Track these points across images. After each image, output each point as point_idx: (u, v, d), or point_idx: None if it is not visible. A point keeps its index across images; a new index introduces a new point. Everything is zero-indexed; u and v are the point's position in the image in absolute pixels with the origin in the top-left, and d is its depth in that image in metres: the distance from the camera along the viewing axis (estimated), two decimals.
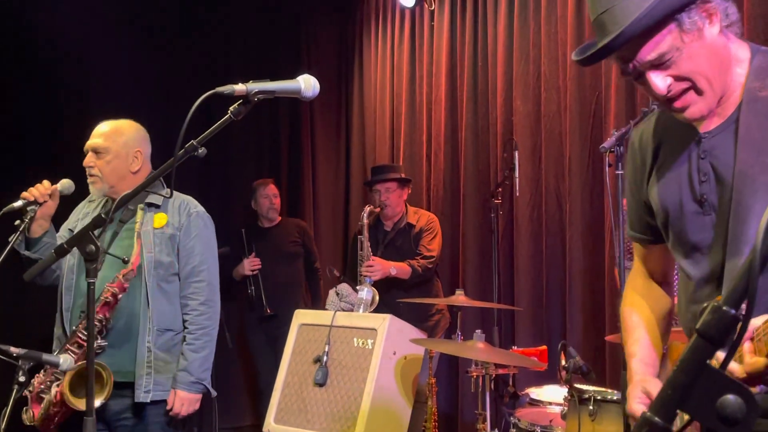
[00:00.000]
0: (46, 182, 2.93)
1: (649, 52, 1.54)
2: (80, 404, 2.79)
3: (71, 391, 2.77)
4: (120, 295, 2.85)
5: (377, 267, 4.76)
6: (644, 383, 1.67)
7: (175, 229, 3.05)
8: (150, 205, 3.06)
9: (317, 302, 5.65)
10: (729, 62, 1.61)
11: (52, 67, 5.70)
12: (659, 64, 1.55)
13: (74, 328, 2.87)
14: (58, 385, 2.82)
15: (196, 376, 3.00)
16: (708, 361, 0.79)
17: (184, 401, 2.98)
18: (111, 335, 2.91)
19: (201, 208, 3.17)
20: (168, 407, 2.97)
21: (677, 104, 1.59)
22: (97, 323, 2.81)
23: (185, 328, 3.05)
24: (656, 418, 0.78)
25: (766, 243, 0.76)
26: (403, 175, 5.19)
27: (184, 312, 3.05)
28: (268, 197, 5.77)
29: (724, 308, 0.78)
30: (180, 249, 3.05)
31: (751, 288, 0.76)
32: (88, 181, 3.04)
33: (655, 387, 1.65)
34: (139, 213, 2.97)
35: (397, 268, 4.84)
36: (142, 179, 2.99)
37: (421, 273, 4.89)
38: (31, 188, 2.90)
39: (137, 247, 2.89)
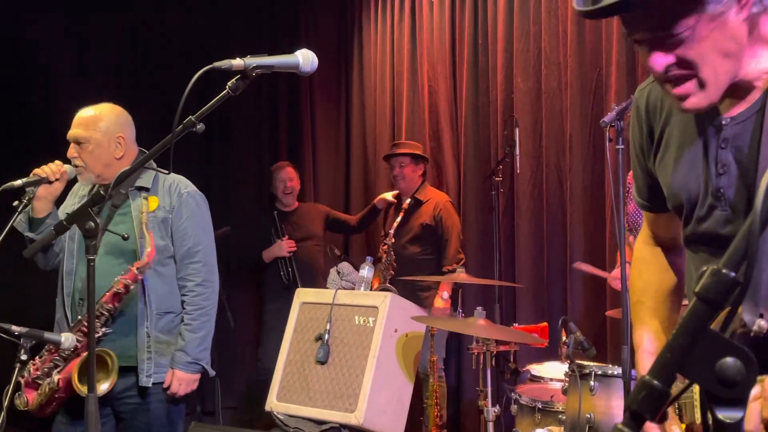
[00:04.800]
0: (57, 162, 2.90)
1: (659, 21, 1.33)
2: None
3: (79, 378, 2.78)
4: (132, 286, 2.84)
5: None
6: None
7: (167, 211, 3.00)
8: (140, 189, 3.00)
9: None
10: (741, 57, 1.40)
11: (49, 47, 5.69)
12: (667, 37, 1.34)
13: (80, 316, 2.85)
14: (59, 372, 2.81)
15: (193, 356, 2.98)
16: (707, 324, 0.78)
17: (181, 381, 2.98)
18: (113, 322, 2.91)
19: (192, 188, 3.10)
20: (165, 386, 2.97)
21: (676, 90, 1.40)
22: (105, 312, 2.81)
23: (183, 308, 3.02)
24: (655, 382, 0.78)
25: (766, 205, 0.76)
26: (417, 152, 5.32)
27: (182, 293, 3.02)
28: (284, 181, 5.76)
29: (724, 271, 0.78)
30: (173, 231, 3.00)
31: (750, 250, 0.76)
32: (75, 171, 2.97)
33: None
34: (142, 202, 2.91)
35: (448, 291, 4.97)
36: (128, 164, 2.92)
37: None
38: (44, 166, 2.87)
39: (150, 239, 2.84)
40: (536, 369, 3.80)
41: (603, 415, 2.98)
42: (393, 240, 4.94)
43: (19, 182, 2.82)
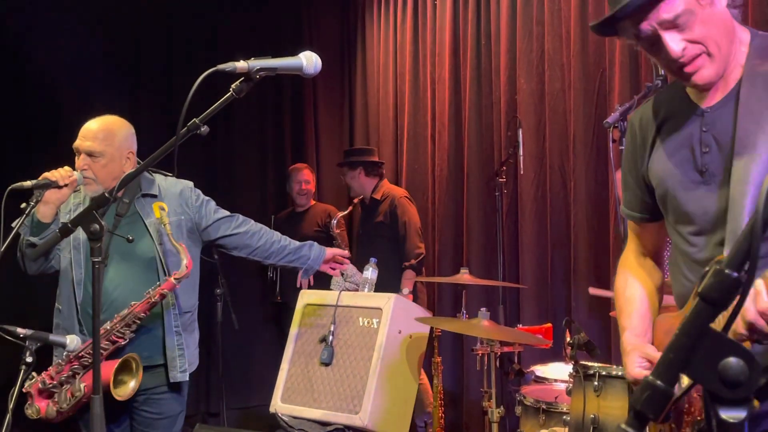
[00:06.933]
0: (67, 167, 2.92)
1: (666, 11, 1.60)
2: (122, 393, 2.85)
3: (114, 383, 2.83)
4: (168, 296, 2.91)
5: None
6: (642, 348, 1.74)
7: (178, 214, 3.07)
8: (145, 195, 3.05)
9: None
10: (734, 34, 1.69)
11: (52, 48, 5.70)
12: (674, 27, 1.62)
13: (108, 326, 2.87)
14: (81, 378, 2.85)
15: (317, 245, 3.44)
16: (710, 324, 0.79)
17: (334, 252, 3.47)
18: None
19: (190, 183, 3.21)
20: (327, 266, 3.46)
21: (688, 68, 1.65)
22: (137, 321, 2.87)
23: (268, 244, 3.29)
24: (658, 382, 0.79)
25: (767, 206, 0.76)
26: (354, 159, 5.50)
27: (256, 241, 3.26)
28: (299, 183, 5.96)
29: (727, 271, 0.78)
30: (203, 223, 3.15)
31: (753, 250, 0.76)
32: (83, 182, 2.99)
33: (653, 350, 1.72)
34: (158, 211, 2.94)
35: (409, 286, 5.06)
36: None
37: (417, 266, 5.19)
38: (53, 171, 2.88)
39: (184, 250, 2.90)
40: (540, 370, 3.80)
41: (607, 415, 2.97)
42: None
43: (28, 183, 2.83)
